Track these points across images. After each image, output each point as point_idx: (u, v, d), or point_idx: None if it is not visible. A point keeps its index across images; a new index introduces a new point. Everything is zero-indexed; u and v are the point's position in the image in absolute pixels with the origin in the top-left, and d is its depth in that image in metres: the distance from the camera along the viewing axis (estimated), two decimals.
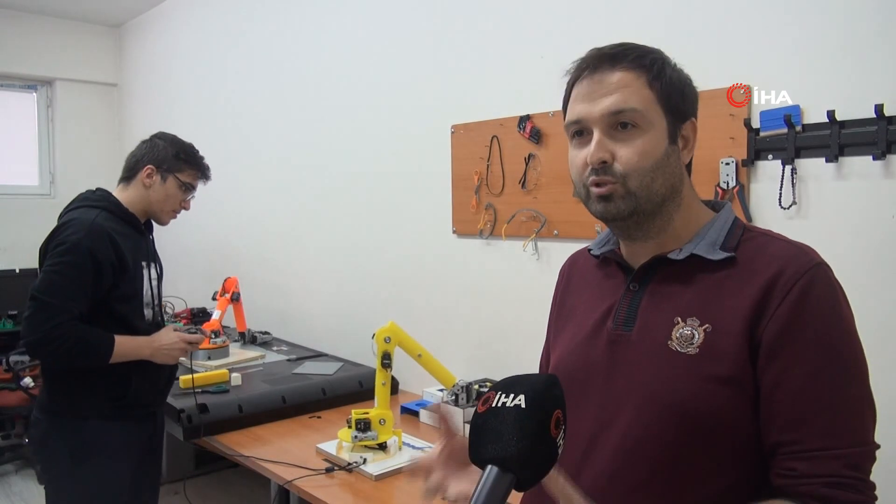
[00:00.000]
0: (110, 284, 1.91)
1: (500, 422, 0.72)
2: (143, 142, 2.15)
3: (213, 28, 4.25)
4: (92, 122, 5.37)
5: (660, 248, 0.99)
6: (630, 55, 0.95)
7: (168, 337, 2.02)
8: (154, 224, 2.18)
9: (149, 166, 2.06)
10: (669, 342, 0.92)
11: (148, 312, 2.06)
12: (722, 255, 0.93)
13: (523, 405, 0.72)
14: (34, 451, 2.03)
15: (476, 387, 2.26)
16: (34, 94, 5.25)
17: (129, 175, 2.10)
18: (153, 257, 2.13)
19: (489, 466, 0.71)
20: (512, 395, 0.74)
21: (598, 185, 0.94)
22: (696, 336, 0.91)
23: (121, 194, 2.07)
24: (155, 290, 2.11)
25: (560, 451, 0.74)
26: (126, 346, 1.92)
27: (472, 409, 2.27)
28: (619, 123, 0.93)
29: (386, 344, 2.10)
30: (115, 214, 2.00)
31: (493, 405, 0.74)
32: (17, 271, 4.81)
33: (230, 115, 4.09)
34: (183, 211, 2.18)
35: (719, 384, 0.88)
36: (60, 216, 2.00)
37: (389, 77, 2.93)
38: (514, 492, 0.72)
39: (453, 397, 2.23)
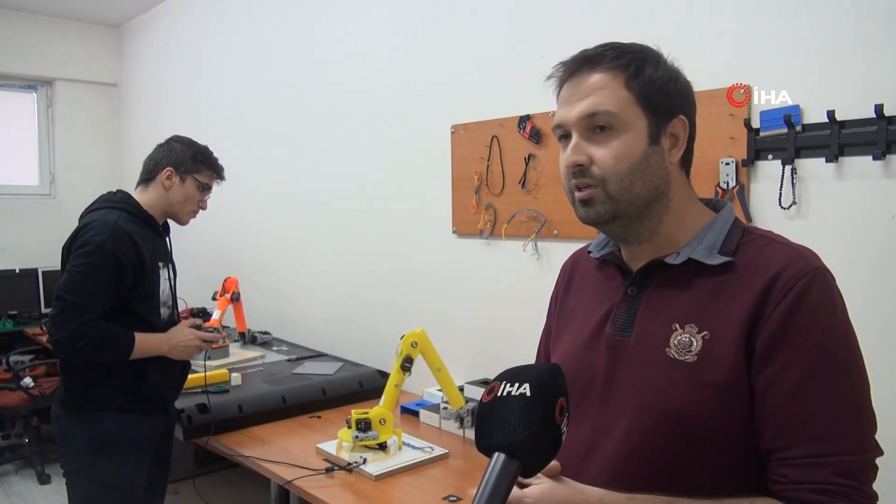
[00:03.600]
0: (131, 284, 1.98)
1: (507, 409, 0.74)
2: (160, 145, 2.21)
3: (212, 28, 4.25)
4: (92, 122, 5.38)
5: (657, 251, 0.98)
6: (608, 56, 0.94)
7: (184, 334, 2.09)
8: (171, 226, 2.24)
9: (168, 168, 2.13)
10: (667, 349, 0.92)
11: (164, 311, 2.13)
12: (720, 259, 0.92)
13: (529, 393, 0.74)
14: (55, 444, 2.10)
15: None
16: (34, 94, 5.25)
17: (148, 177, 2.16)
18: (169, 258, 2.20)
19: (496, 454, 0.73)
20: (517, 384, 0.75)
21: (579, 188, 0.95)
22: (695, 343, 0.90)
23: (140, 196, 2.13)
24: (171, 290, 2.19)
25: (564, 439, 0.76)
26: (145, 343, 1.99)
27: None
28: (597, 126, 0.93)
29: (412, 348, 2.10)
30: (135, 216, 2.06)
31: (499, 394, 0.76)
32: (17, 271, 4.82)
33: (230, 116, 4.09)
34: (201, 210, 2.25)
35: (717, 392, 0.88)
36: (82, 216, 2.07)
37: (389, 77, 2.93)
38: None
39: (459, 420, 2.23)
